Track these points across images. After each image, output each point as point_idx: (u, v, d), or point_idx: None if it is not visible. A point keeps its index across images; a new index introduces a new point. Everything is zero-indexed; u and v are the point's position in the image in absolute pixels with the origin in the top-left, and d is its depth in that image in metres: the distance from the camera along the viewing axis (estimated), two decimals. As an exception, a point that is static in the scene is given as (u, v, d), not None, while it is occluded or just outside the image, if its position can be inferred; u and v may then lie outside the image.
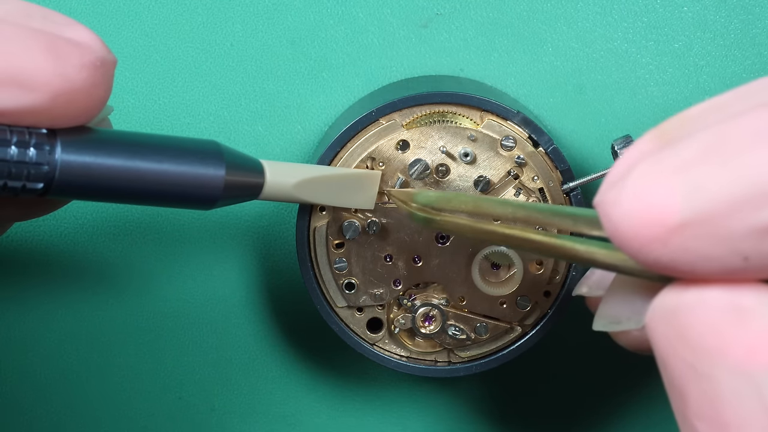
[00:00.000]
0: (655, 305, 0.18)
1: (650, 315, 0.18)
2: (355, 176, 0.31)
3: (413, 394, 0.38)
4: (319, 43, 0.35)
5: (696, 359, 0.17)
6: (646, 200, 0.17)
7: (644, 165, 0.17)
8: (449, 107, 0.32)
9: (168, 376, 0.38)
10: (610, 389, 0.38)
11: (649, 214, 0.17)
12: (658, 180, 0.17)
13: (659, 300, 0.18)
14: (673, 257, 0.17)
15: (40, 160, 0.23)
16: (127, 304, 0.37)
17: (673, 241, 0.17)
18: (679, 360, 0.17)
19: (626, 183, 0.17)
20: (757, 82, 0.18)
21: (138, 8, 0.35)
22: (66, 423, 0.38)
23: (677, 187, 0.17)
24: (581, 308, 0.34)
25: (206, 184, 0.26)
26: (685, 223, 0.17)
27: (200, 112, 0.36)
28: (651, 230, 0.17)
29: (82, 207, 0.36)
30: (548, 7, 0.35)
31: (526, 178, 0.32)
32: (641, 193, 0.17)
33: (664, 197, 0.17)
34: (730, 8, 0.35)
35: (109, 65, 0.24)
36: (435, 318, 0.32)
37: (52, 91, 0.22)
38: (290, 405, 0.38)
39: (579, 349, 0.38)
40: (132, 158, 0.24)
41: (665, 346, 0.18)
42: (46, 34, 0.23)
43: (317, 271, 0.32)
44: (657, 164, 0.17)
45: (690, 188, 0.17)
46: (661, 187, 0.17)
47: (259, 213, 0.36)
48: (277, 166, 0.28)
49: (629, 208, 0.17)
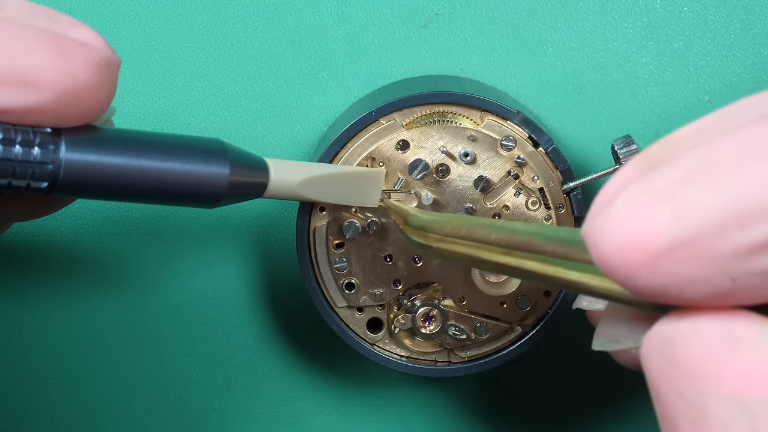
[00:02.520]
0: (651, 335, 0.18)
1: (645, 346, 0.18)
2: (359, 174, 0.31)
3: (413, 394, 0.38)
4: (319, 43, 0.35)
5: (689, 388, 0.17)
6: (631, 226, 0.17)
7: (629, 191, 0.17)
8: (449, 107, 0.32)
9: (168, 376, 0.38)
10: (610, 389, 0.38)
11: (635, 240, 0.17)
12: (642, 205, 0.17)
13: (655, 330, 0.18)
14: (661, 282, 0.17)
15: (44, 159, 0.23)
16: (128, 304, 0.37)
17: (660, 265, 0.17)
18: (672, 390, 0.17)
19: (611, 210, 0.17)
20: (742, 101, 0.18)
21: (138, 8, 0.35)
22: (66, 423, 0.38)
23: (661, 211, 0.17)
24: (581, 308, 0.34)
25: (211, 182, 0.26)
26: (671, 246, 0.17)
27: (200, 112, 0.36)
28: (637, 256, 0.17)
29: (82, 207, 0.36)
30: (548, 7, 0.35)
31: (526, 178, 0.32)
32: (626, 219, 0.17)
33: (648, 222, 0.17)
34: (730, 8, 0.35)
35: (114, 65, 0.24)
36: (435, 318, 0.32)
37: (57, 90, 0.22)
38: (290, 405, 0.38)
39: (579, 349, 0.38)
40: (136, 157, 0.24)
41: (658, 376, 0.18)
42: (51, 33, 0.23)
43: (317, 271, 0.32)
44: (641, 189, 0.17)
45: (674, 211, 0.17)
46: (645, 213, 0.17)
47: (259, 213, 0.36)
48: (281, 164, 0.28)
49: (615, 235, 0.17)
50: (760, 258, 0.16)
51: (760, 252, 0.16)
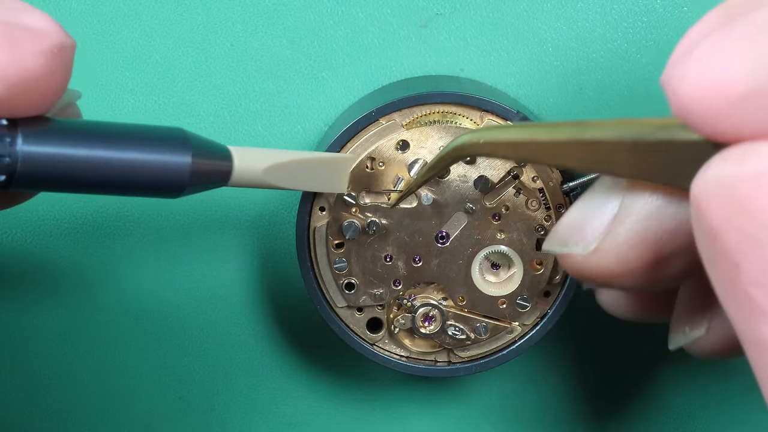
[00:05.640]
0: (708, 178, 0.18)
1: (700, 190, 0.18)
2: (326, 160, 0.31)
3: (413, 394, 0.38)
4: (319, 43, 0.35)
5: (758, 229, 0.17)
6: (711, 73, 0.17)
7: (709, 39, 0.17)
8: (449, 107, 0.32)
9: (168, 376, 0.38)
10: (610, 389, 0.38)
11: (713, 87, 0.17)
12: (721, 53, 0.17)
13: (713, 172, 0.18)
14: (737, 128, 0.17)
15: (0, 152, 0.23)
16: (128, 303, 0.37)
17: (737, 111, 0.17)
18: (737, 231, 0.17)
19: (691, 57, 0.17)
20: None
21: (138, 8, 0.35)
22: (66, 423, 0.38)
23: (741, 59, 0.17)
24: (581, 308, 0.34)
25: (173, 171, 0.25)
26: (749, 93, 0.17)
27: (200, 112, 0.36)
28: (716, 102, 0.17)
29: (82, 207, 0.36)
30: (548, 7, 0.35)
31: (526, 178, 0.32)
32: (705, 66, 0.17)
33: (727, 69, 0.17)
34: (730, 8, 0.35)
35: (68, 50, 0.23)
36: (435, 318, 0.32)
37: (8, 82, 0.22)
38: (290, 405, 0.38)
39: (579, 349, 0.38)
40: (96, 147, 0.24)
41: (720, 219, 0.17)
42: (1, 22, 0.22)
43: (317, 271, 0.32)
44: (721, 38, 0.17)
45: (754, 59, 0.17)
46: (724, 60, 0.17)
47: (259, 213, 0.36)
48: (245, 151, 0.28)
49: (695, 81, 0.17)
50: None
51: None
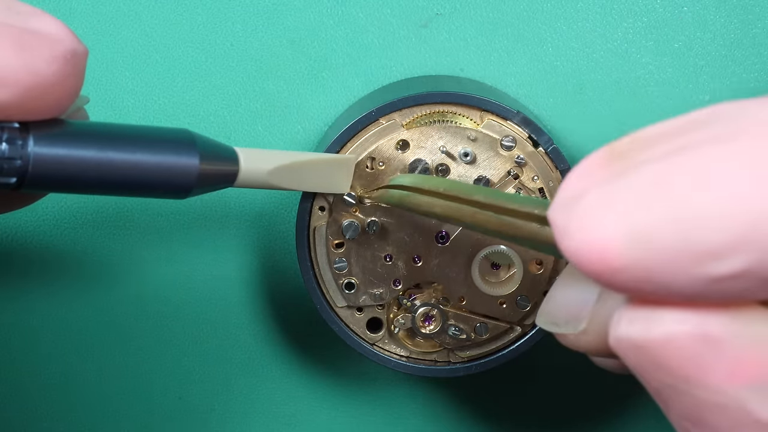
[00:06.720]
0: (621, 338, 0.18)
1: (616, 344, 0.18)
2: (329, 161, 0.31)
3: (413, 394, 0.38)
4: (319, 43, 0.35)
5: (674, 381, 0.17)
6: (591, 236, 0.17)
7: (591, 196, 0.17)
8: (449, 107, 0.32)
9: (168, 376, 0.38)
10: (610, 389, 0.38)
11: (593, 252, 0.17)
12: (601, 217, 0.17)
13: (624, 332, 0.18)
14: (625, 288, 0.17)
15: (12, 154, 0.23)
16: (127, 303, 0.37)
17: (617, 278, 0.17)
18: (657, 381, 0.18)
19: (573, 214, 0.17)
20: (709, 109, 0.18)
21: (138, 8, 0.35)
22: (66, 422, 0.38)
23: (618, 231, 0.17)
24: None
25: (180, 173, 0.25)
26: (628, 266, 0.17)
27: (200, 112, 0.36)
28: (596, 266, 0.17)
29: (82, 207, 0.36)
30: (548, 7, 0.35)
31: (526, 178, 0.32)
32: (587, 230, 0.17)
33: (605, 240, 0.17)
34: (730, 8, 0.35)
35: (80, 56, 0.23)
36: (435, 318, 0.32)
37: (22, 88, 0.22)
38: (290, 405, 0.38)
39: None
40: (105, 150, 0.24)
41: (640, 369, 0.18)
42: (12, 28, 0.22)
43: (317, 271, 0.32)
44: (602, 198, 0.17)
45: (629, 236, 0.17)
46: (603, 228, 0.17)
47: (259, 213, 0.36)
48: (251, 153, 0.28)
49: (577, 242, 0.17)
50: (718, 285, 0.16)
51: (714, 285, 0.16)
